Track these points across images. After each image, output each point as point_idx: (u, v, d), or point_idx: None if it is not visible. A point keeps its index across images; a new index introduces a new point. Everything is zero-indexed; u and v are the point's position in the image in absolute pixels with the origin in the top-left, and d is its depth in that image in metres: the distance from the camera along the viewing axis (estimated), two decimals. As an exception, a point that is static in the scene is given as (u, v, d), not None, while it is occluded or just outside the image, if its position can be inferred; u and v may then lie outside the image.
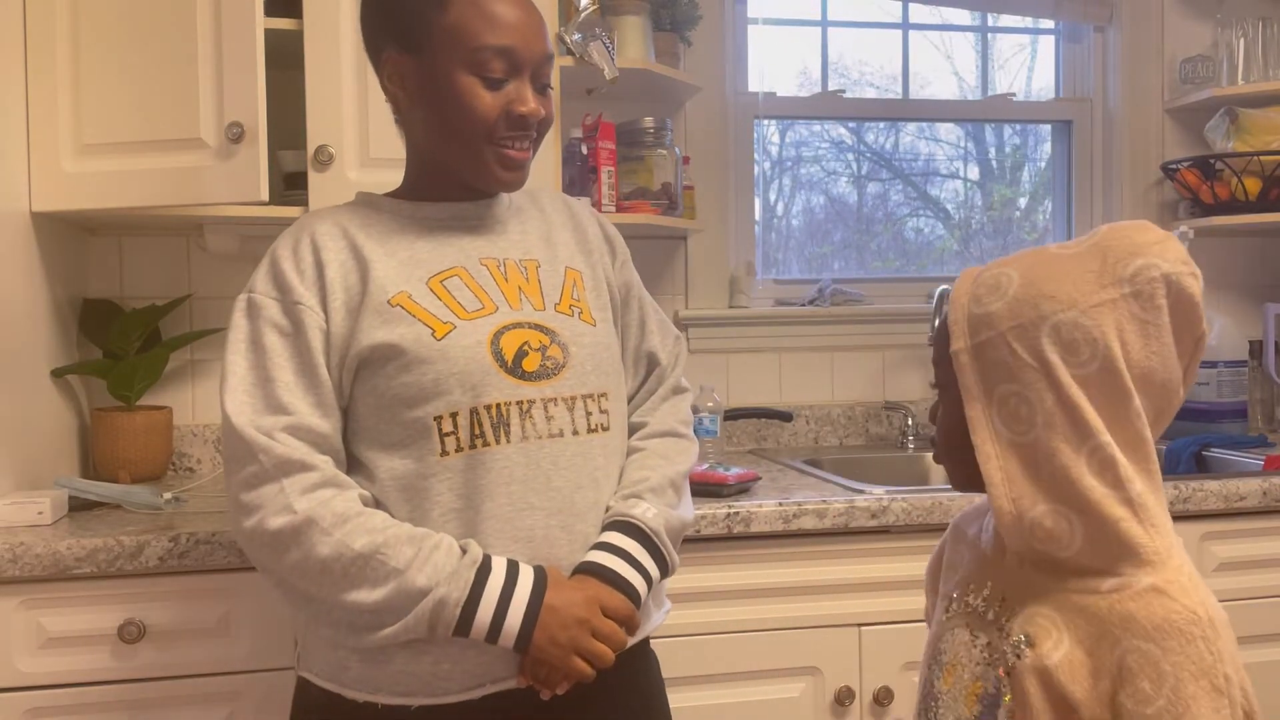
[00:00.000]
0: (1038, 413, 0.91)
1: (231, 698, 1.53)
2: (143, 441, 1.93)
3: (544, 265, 1.25)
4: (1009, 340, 0.92)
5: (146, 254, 2.10)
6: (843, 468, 2.13)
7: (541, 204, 1.35)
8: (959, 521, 1.12)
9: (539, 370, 1.16)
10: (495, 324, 1.16)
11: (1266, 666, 1.85)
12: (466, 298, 1.18)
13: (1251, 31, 2.47)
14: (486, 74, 1.17)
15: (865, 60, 2.66)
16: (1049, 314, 0.91)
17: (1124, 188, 2.60)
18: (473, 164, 1.21)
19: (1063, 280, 0.92)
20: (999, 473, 0.93)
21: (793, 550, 1.70)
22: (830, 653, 1.71)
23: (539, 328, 1.18)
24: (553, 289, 1.23)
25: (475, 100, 1.17)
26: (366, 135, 1.79)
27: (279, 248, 1.21)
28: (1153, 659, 0.87)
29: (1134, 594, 0.89)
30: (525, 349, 1.16)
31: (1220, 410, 2.40)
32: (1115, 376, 0.90)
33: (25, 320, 1.75)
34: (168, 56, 1.67)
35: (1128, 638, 0.88)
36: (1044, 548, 0.93)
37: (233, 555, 1.50)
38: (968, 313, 0.95)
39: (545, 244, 1.28)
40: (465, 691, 1.12)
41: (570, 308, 1.22)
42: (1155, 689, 0.86)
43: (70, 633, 1.48)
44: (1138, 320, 0.91)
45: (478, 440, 1.13)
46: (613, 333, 1.28)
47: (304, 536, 1.07)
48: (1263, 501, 1.84)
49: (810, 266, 2.62)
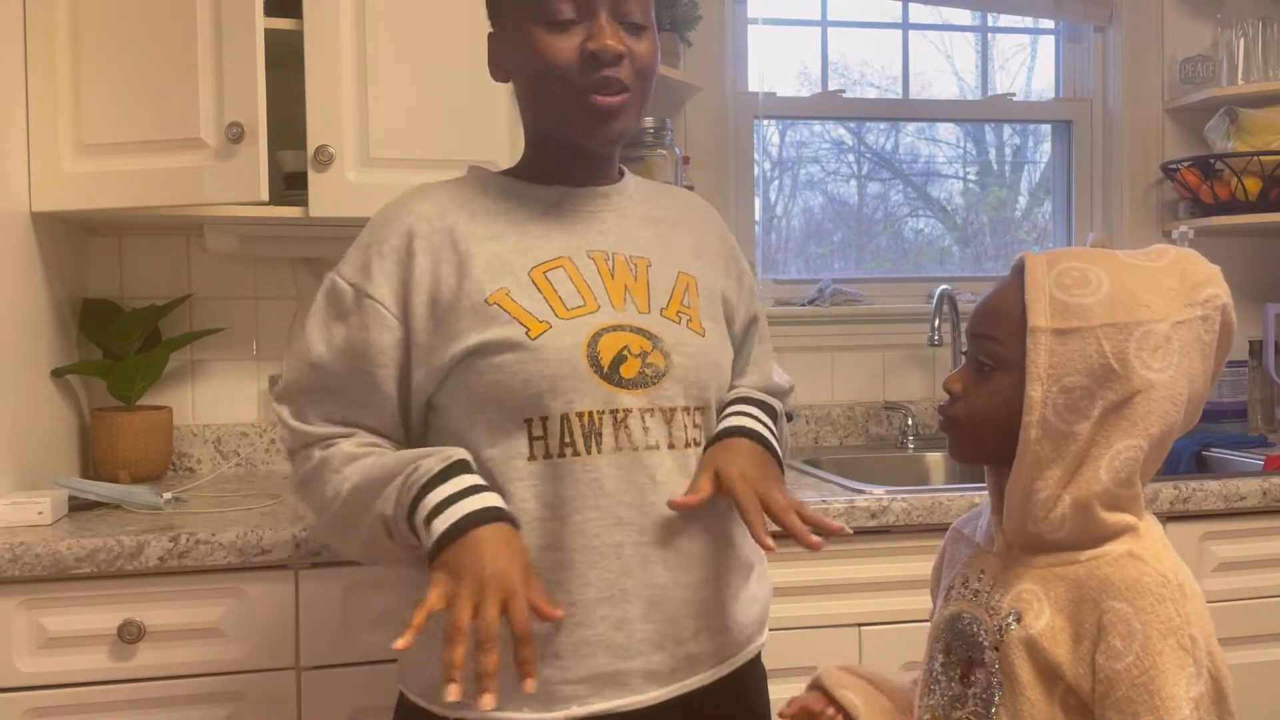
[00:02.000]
0: (1096, 408, 0.94)
1: (231, 698, 1.53)
2: (143, 441, 1.93)
3: (655, 265, 1.16)
4: (1099, 337, 0.94)
5: (146, 254, 2.10)
6: (843, 468, 2.13)
7: (672, 201, 1.25)
8: (958, 524, 1.15)
9: (637, 377, 1.08)
10: (595, 325, 1.08)
11: (1267, 666, 1.85)
12: (568, 292, 1.10)
13: (1251, 31, 2.47)
14: (553, 19, 1.07)
15: (865, 60, 2.66)
16: (1144, 321, 0.94)
17: (1124, 188, 2.60)
18: (564, 121, 1.11)
19: (1154, 291, 0.96)
20: (1033, 455, 0.96)
21: (793, 550, 1.69)
22: (830, 653, 1.71)
23: (641, 331, 1.10)
24: (661, 292, 1.14)
25: (545, 49, 1.07)
26: (366, 135, 1.79)
27: (374, 228, 1.14)
28: (1124, 617, 0.92)
29: (1111, 559, 0.96)
30: (624, 354, 1.08)
31: (1220, 410, 2.40)
32: (1176, 390, 0.96)
33: (25, 320, 1.75)
34: (168, 56, 1.67)
35: (1104, 599, 0.94)
36: (1036, 528, 0.98)
37: (233, 555, 1.50)
38: (1051, 296, 0.96)
39: (661, 243, 1.18)
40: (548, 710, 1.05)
41: (678, 314, 1.13)
42: (1125, 645, 0.92)
43: (70, 633, 1.48)
44: (1200, 342, 0.97)
45: (566, 448, 1.06)
46: (723, 345, 1.19)
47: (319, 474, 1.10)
48: (1263, 501, 1.84)
49: (810, 266, 2.62)
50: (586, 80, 1.08)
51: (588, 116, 1.09)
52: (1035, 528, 0.98)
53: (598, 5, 1.08)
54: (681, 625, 1.09)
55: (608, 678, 1.06)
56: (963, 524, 1.14)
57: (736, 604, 1.16)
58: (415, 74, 1.80)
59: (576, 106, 1.09)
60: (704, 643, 1.12)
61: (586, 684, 1.06)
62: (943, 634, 1.06)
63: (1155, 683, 0.91)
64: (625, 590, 1.06)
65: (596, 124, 1.10)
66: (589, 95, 1.08)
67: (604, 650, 1.06)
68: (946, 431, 1.06)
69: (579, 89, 1.08)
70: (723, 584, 1.14)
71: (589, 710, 1.06)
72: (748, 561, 1.19)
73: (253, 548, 1.51)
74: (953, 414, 1.04)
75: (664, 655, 1.09)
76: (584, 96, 1.08)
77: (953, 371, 1.06)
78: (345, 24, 1.77)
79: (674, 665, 1.09)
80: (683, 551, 1.10)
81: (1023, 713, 0.96)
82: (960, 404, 1.03)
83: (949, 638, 1.05)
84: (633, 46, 1.09)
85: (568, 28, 1.08)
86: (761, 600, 1.22)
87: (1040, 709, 0.96)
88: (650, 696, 1.08)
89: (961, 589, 1.06)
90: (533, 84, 1.12)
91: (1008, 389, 0.98)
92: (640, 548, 1.07)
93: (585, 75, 1.08)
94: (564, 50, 1.07)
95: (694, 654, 1.11)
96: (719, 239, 1.26)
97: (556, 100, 1.10)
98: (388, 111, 1.79)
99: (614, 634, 1.06)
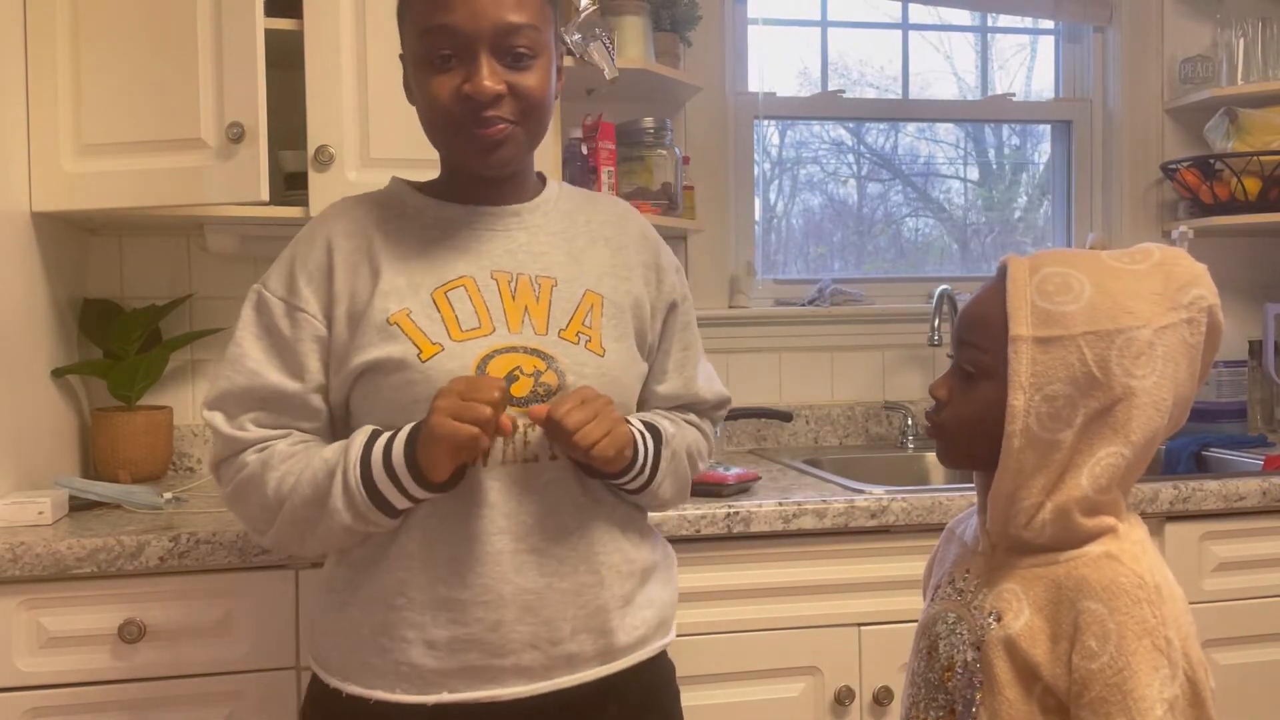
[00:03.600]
0: (1079, 416, 0.95)
1: (231, 698, 1.53)
2: (143, 441, 1.93)
3: (560, 285, 1.18)
4: (1081, 345, 0.94)
5: (146, 254, 2.10)
6: (842, 468, 2.13)
7: (593, 213, 1.27)
8: (951, 524, 1.16)
9: (529, 396, 1.12)
10: (487, 347, 1.13)
11: (1267, 666, 1.86)
12: (466, 313, 1.14)
13: (1251, 31, 2.47)
14: (434, 56, 1.11)
15: (865, 60, 2.66)
16: (1126, 328, 0.94)
17: (1124, 188, 2.61)
18: (451, 152, 1.18)
19: (1137, 296, 0.95)
20: (1015, 463, 0.96)
21: (793, 550, 1.70)
22: (830, 653, 1.71)
23: (536, 352, 1.14)
24: (563, 312, 1.17)
25: (429, 87, 1.12)
26: (366, 135, 1.79)
27: (298, 244, 1.19)
28: (1099, 617, 0.93)
29: (1089, 560, 0.96)
30: (516, 374, 1.12)
31: (1220, 410, 2.40)
32: (1160, 396, 0.95)
33: (25, 320, 1.75)
34: (168, 56, 1.67)
35: (1081, 599, 0.94)
36: (1019, 534, 0.99)
37: (233, 555, 1.51)
38: (1033, 304, 0.96)
39: (571, 260, 1.21)
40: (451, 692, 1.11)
41: (577, 335, 1.16)
42: (1100, 645, 0.92)
43: (70, 633, 1.48)
44: (1186, 345, 0.96)
45: None
46: (628, 364, 1.21)
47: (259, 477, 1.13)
48: (1263, 501, 1.84)
49: (810, 266, 2.63)
50: (465, 118, 1.12)
51: (471, 148, 1.14)
52: (1017, 533, 0.99)
53: (477, 45, 1.10)
54: (557, 627, 1.13)
55: (479, 670, 1.12)
56: (956, 524, 1.15)
57: (627, 606, 1.19)
58: (415, 74, 1.80)
59: (460, 140, 1.14)
60: (584, 644, 1.15)
61: (460, 675, 1.11)
62: (927, 632, 1.07)
63: (1128, 683, 0.91)
64: (502, 595, 1.11)
65: (481, 154, 1.14)
66: (470, 129, 1.12)
67: (477, 648, 1.11)
68: (933, 437, 1.07)
69: (459, 125, 1.13)
70: (606, 588, 1.16)
71: (460, 697, 1.11)
72: (642, 566, 1.21)
73: (253, 548, 1.51)
74: (939, 420, 1.05)
75: (537, 654, 1.13)
76: (465, 130, 1.13)
77: (938, 377, 1.06)
78: (345, 24, 1.78)
79: (548, 664, 1.13)
80: (562, 557, 1.14)
81: (1001, 712, 0.97)
82: (946, 410, 1.04)
83: (933, 637, 1.06)
84: (516, 81, 1.12)
85: (449, 64, 1.11)
86: (659, 602, 1.24)
87: (1018, 708, 0.96)
88: (522, 690, 1.13)
89: (948, 588, 1.07)
90: (423, 115, 1.16)
91: (992, 396, 0.98)
92: (518, 555, 1.12)
93: (465, 115, 1.12)
94: (444, 89, 1.11)
95: (573, 653, 1.14)
96: (639, 248, 1.27)
97: (442, 133, 1.15)
98: (388, 111, 1.79)
99: (488, 635, 1.11)
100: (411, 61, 1.16)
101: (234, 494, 1.17)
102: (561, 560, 1.14)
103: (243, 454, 1.15)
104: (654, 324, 1.26)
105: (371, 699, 1.12)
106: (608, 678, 1.17)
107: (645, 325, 1.25)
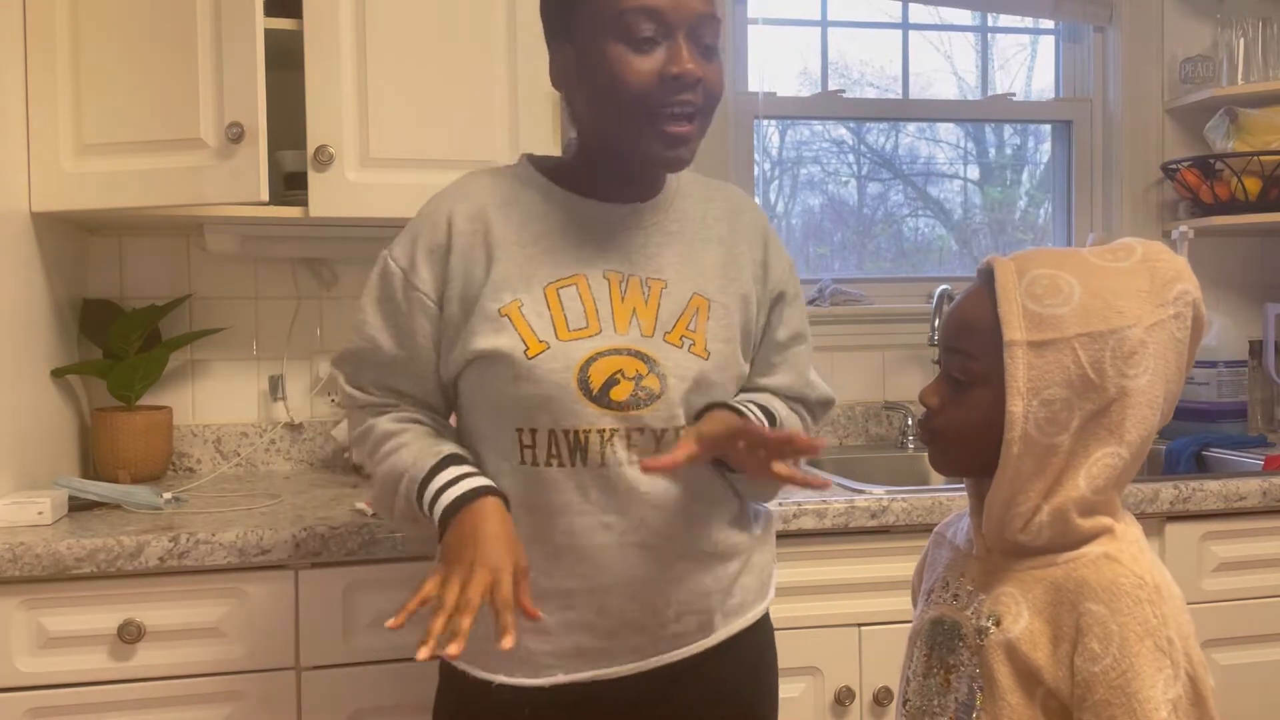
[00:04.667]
0: (1075, 419, 0.94)
1: (231, 698, 1.53)
2: (143, 441, 1.93)
3: (671, 286, 1.19)
4: (1075, 347, 0.94)
5: (146, 254, 2.10)
6: (843, 468, 2.13)
7: (708, 210, 1.26)
8: (940, 527, 1.17)
9: (629, 400, 1.13)
10: (592, 348, 1.14)
11: (1267, 666, 1.85)
12: (575, 313, 1.15)
13: (1251, 31, 2.47)
14: (634, 37, 1.08)
15: (865, 60, 2.66)
16: (1118, 328, 0.94)
17: (1124, 188, 2.60)
18: (633, 142, 1.13)
19: (1126, 295, 0.95)
20: (1013, 469, 0.96)
21: (793, 550, 1.70)
22: (830, 653, 1.71)
23: (640, 355, 1.14)
24: (670, 315, 1.17)
25: (625, 67, 1.09)
26: (366, 135, 1.79)
27: (422, 218, 1.21)
28: (1101, 619, 0.93)
29: (1088, 561, 0.96)
30: (617, 377, 1.13)
31: (1220, 410, 2.40)
32: (1153, 394, 0.95)
33: (25, 320, 1.75)
34: (168, 56, 1.67)
35: (1081, 601, 0.94)
36: (1015, 538, 0.99)
37: (233, 555, 1.51)
38: (1023, 308, 0.96)
39: (683, 261, 1.21)
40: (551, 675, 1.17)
41: (681, 338, 1.17)
42: (1103, 647, 0.92)
43: (70, 633, 1.48)
44: (1174, 340, 0.96)
45: (553, 460, 1.14)
46: (732, 365, 1.21)
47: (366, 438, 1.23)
48: (1263, 501, 1.84)
49: (810, 266, 2.62)
50: (663, 103, 1.10)
51: (662, 142, 1.12)
52: (1014, 537, 0.99)
53: (676, 24, 1.09)
54: (661, 611, 1.18)
55: (589, 651, 1.17)
56: (944, 527, 1.15)
57: (729, 586, 1.23)
58: (415, 74, 1.80)
59: (650, 130, 1.11)
60: (688, 624, 1.20)
61: (572, 657, 1.17)
62: (924, 638, 1.07)
63: (1132, 685, 0.91)
64: (606, 584, 1.16)
65: (666, 149, 1.13)
66: (664, 121, 1.10)
67: (587, 631, 1.17)
68: (927, 445, 1.06)
69: (655, 112, 1.10)
70: (709, 572, 1.21)
71: (573, 678, 1.17)
72: (741, 548, 1.25)
73: (253, 548, 1.51)
74: (933, 428, 1.04)
75: (645, 636, 1.18)
76: (658, 121, 1.11)
77: (928, 384, 1.05)
78: (345, 24, 1.77)
79: (655, 641, 1.19)
80: (664, 549, 1.17)
81: (1003, 717, 0.96)
82: (939, 418, 1.03)
83: (930, 642, 1.05)
84: (706, 70, 1.11)
85: (648, 47, 1.09)
86: (758, 567, 1.28)
87: (1021, 713, 0.96)
88: (631, 667, 1.18)
89: (942, 592, 1.06)
90: (603, 101, 1.13)
91: (986, 402, 0.98)
92: (624, 548, 1.15)
93: (663, 98, 1.09)
94: (644, 71, 1.09)
95: (678, 632, 1.19)
96: (750, 242, 1.27)
97: (629, 120, 1.12)
98: (388, 111, 1.79)
99: (597, 619, 1.16)
100: (597, 42, 1.11)
101: (354, 441, 1.27)
102: (664, 551, 1.17)
103: (361, 412, 1.24)
104: (759, 318, 1.27)
105: (494, 683, 1.18)
106: (714, 647, 1.22)
107: (751, 322, 1.25)
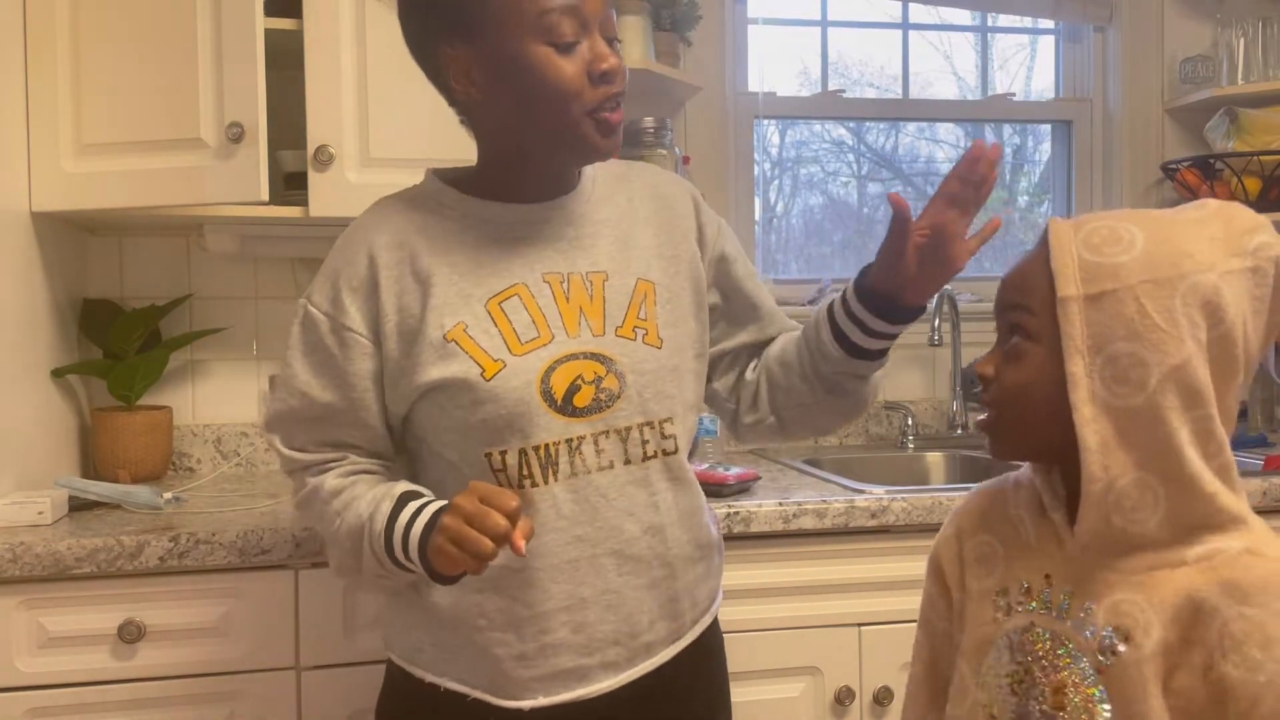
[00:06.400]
0: (1152, 375, 0.85)
1: (231, 698, 1.53)
2: (143, 441, 1.93)
3: (612, 278, 1.17)
4: (1139, 296, 0.85)
5: (146, 254, 2.10)
6: (843, 467, 2.13)
7: (631, 189, 1.24)
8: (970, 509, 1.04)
9: (591, 405, 1.12)
10: (548, 358, 1.12)
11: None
12: (523, 324, 1.13)
13: (1251, 31, 2.47)
14: (558, 39, 1.07)
15: (865, 60, 2.66)
16: (1189, 272, 0.85)
17: (1124, 188, 2.60)
18: (569, 141, 1.11)
19: (1196, 240, 0.86)
20: (1095, 437, 0.86)
21: (793, 550, 1.70)
22: (830, 653, 1.71)
23: (595, 356, 1.13)
24: (617, 307, 1.16)
25: (554, 70, 1.07)
26: (366, 135, 1.79)
27: (339, 255, 1.17)
28: (1259, 623, 0.83)
29: (1228, 559, 0.86)
30: (578, 383, 1.12)
31: (1220, 410, 2.39)
32: (1233, 347, 0.86)
33: (25, 320, 1.75)
34: (168, 56, 1.68)
35: (1229, 605, 0.84)
36: (1123, 521, 0.87)
37: (232, 555, 1.51)
38: (1080, 259, 0.88)
39: (620, 248, 1.19)
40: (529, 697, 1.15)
41: (634, 329, 1.16)
42: (1265, 653, 0.82)
43: (70, 633, 1.48)
44: (1251, 295, 0.87)
45: (525, 480, 1.12)
46: (687, 347, 1.21)
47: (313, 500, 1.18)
48: (1263, 501, 1.83)
49: (810, 266, 2.62)
50: (596, 99, 1.10)
51: (600, 131, 1.11)
52: (1123, 520, 0.87)
53: (592, 24, 1.10)
54: (636, 620, 1.17)
55: (569, 672, 1.15)
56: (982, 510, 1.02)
57: (691, 589, 1.22)
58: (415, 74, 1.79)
59: (590, 125, 1.11)
60: (659, 631, 1.19)
61: (551, 679, 1.15)
62: (1010, 649, 0.94)
63: None
64: (583, 599, 1.14)
65: (604, 138, 1.12)
66: (600, 113, 1.10)
67: (565, 651, 1.14)
68: (985, 429, 0.97)
69: (590, 109, 1.10)
70: (675, 575, 1.19)
71: (554, 700, 1.15)
72: (704, 547, 1.24)
73: (253, 548, 1.51)
74: (988, 400, 0.95)
75: (620, 649, 1.16)
76: (595, 115, 1.10)
77: (983, 356, 0.97)
78: (345, 24, 1.77)
79: (630, 655, 1.17)
80: (637, 556, 1.16)
81: None
82: (995, 386, 0.94)
83: (1023, 653, 0.93)
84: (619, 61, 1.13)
85: (571, 48, 1.09)
86: (715, 572, 1.28)
87: None
88: (608, 684, 1.16)
89: (1022, 597, 0.95)
90: (530, 107, 1.10)
91: (1041, 363, 0.90)
92: (596, 560, 1.14)
93: (595, 94, 1.09)
94: (573, 72, 1.08)
95: (649, 642, 1.18)
96: (681, 213, 1.25)
97: (565, 122, 1.10)
98: (388, 111, 1.79)
99: (573, 637, 1.14)
100: (515, 44, 1.08)
101: (298, 508, 1.22)
102: (637, 559, 1.16)
103: (303, 473, 1.19)
104: (712, 286, 1.28)
105: (470, 696, 1.16)
106: (679, 654, 1.21)
107: (702, 293, 1.25)
